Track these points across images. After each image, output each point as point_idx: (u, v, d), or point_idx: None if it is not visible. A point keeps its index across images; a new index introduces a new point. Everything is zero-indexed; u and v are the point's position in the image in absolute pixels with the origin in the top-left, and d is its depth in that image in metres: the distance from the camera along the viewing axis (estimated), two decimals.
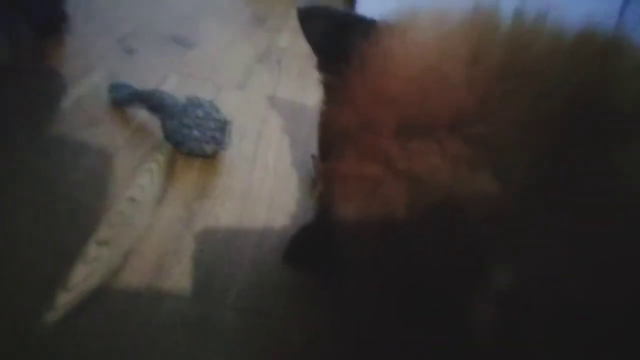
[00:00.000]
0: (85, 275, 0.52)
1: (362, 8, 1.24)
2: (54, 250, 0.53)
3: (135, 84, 0.79)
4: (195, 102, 0.70)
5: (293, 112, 0.91)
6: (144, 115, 0.76)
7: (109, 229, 0.58)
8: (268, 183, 0.73)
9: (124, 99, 0.78)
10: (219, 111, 0.72)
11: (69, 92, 0.79)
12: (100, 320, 0.48)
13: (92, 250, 0.55)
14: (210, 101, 0.72)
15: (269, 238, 0.63)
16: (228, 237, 0.62)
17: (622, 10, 1.12)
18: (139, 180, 0.66)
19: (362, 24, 0.45)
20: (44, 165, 0.64)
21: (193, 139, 0.69)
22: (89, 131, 0.72)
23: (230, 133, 0.72)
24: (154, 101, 0.73)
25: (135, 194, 0.64)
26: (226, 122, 0.72)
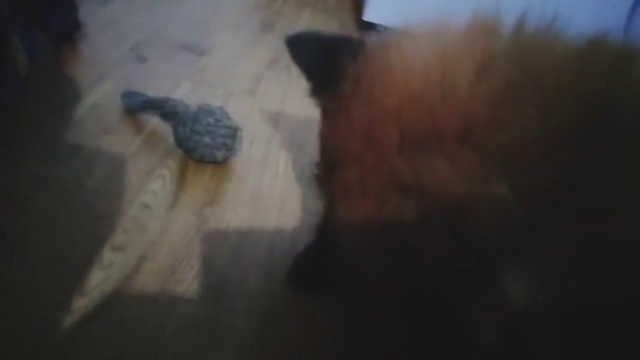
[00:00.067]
0: (101, 280, 0.53)
1: (369, 16, 1.24)
2: (71, 256, 0.55)
3: (148, 92, 0.81)
4: (206, 110, 0.72)
5: (303, 117, 0.91)
6: (156, 122, 0.78)
7: (123, 235, 0.59)
8: (278, 188, 0.73)
9: (137, 107, 0.79)
10: (229, 118, 0.73)
11: (83, 100, 0.81)
12: (113, 325, 0.49)
13: (107, 255, 0.56)
14: (221, 108, 0.73)
15: (280, 242, 0.64)
16: (239, 242, 0.62)
17: (630, 15, 1.11)
18: (152, 186, 0.68)
19: (351, 44, 0.44)
20: (60, 173, 0.65)
21: (204, 146, 0.70)
22: (102, 138, 0.73)
23: (241, 139, 0.73)
24: (166, 108, 0.74)
25: (148, 199, 0.65)
26: (237, 128, 0.73)
